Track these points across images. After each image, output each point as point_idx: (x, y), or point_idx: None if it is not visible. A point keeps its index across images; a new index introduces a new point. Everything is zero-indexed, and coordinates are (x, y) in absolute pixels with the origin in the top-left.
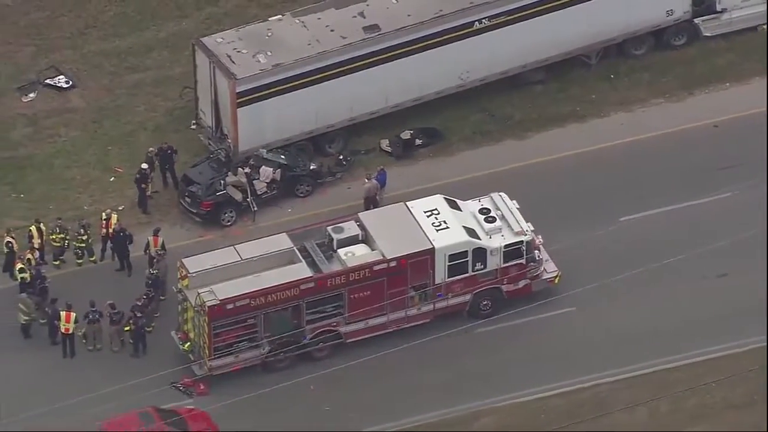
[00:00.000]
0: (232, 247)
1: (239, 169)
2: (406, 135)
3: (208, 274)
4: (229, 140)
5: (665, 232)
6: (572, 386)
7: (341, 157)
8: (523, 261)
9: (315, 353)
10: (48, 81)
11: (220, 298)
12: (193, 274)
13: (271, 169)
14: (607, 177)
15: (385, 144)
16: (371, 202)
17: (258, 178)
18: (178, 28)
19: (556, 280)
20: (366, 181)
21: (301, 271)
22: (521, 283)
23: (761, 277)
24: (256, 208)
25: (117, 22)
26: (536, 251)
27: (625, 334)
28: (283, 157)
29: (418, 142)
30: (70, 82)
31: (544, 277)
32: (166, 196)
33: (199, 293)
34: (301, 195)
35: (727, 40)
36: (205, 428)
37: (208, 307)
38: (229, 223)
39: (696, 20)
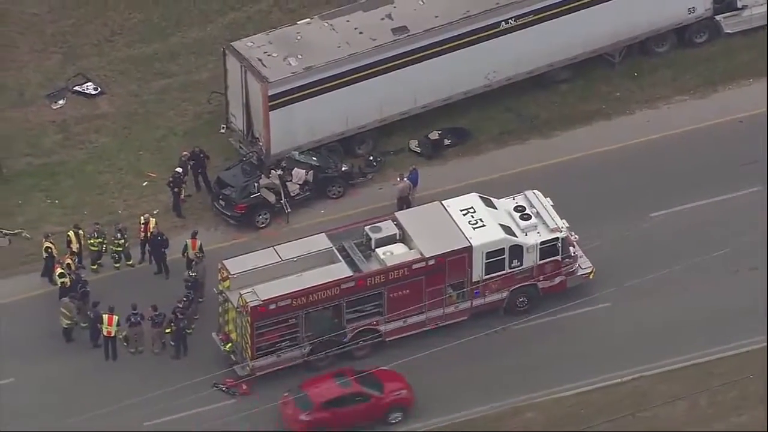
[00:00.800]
0: (271, 248)
1: (272, 171)
2: (434, 135)
3: (249, 275)
4: (261, 143)
5: (695, 227)
6: (611, 381)
7: (371, 158)
8: (558, 258)
9: (355, 352)
10: (76, 88)
11: (262, 299)
12: (235, 276)
13: (304, 170)
14: (635, 174)
15: (414, 144)
16: (404, 201)
17: (291, 180)
18: (203, 34)
19: (591, 276)
20: (399, 180)
21: (341, 270)
22: (557, 280)
23: None
24: (289, 210)
25: (142, 29)
26: (571, 247)
27: (661, 328)
28: (315, 158)
29: (446, 142)
30: (99, 89)
31: (578, 273)
32: (199, 200)
33: (241, 294)
34: (333, 196)
35: (748, 36)
36: (398, 387)
37: (251, 307)
38: (263, 225)
39: (717, 17)
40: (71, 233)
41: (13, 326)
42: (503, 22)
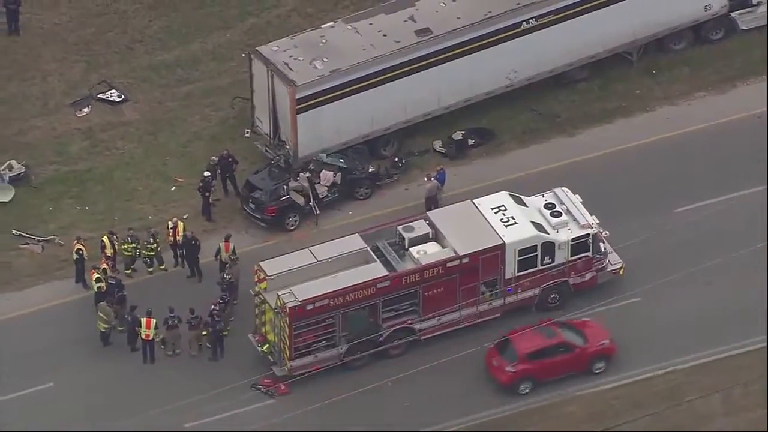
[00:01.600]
0: (306, 249)
1: (301, 173)
2: (457, 136)
3: (286, 276)
4: (288, 146)
5: (721, 222)
6: (646, 375)
7: (396, 159)
8: (589, 254)
9: (390, 351)
10: (100, 95)
11: (300, 299)
12: (272, 277)
13: (332, 172)
14: (659, 170)
15: (438, 145)
16: (432, 201)
17: (319, 182)
18: (223, 40)
19: (621, 272)
20: (427, 180)
21: (376, 270)
22: (587, 276)
23: None
24: (318, 212)
25: (162, 36)
26: (601, 244)
27: (692, 321)
28: (342, 160)
29: (470, 142)
30: (122, 96)
31: (609, 269)
32: (227, 204)
33: (279, 295)
34: (361, 197)
35: (763, 33)
36: (602, 337)
37: (289, 308)
38: (293, 228)
39: (732, 14)
40: (105, 238)
41: (50, 331)
42: (524, 23)
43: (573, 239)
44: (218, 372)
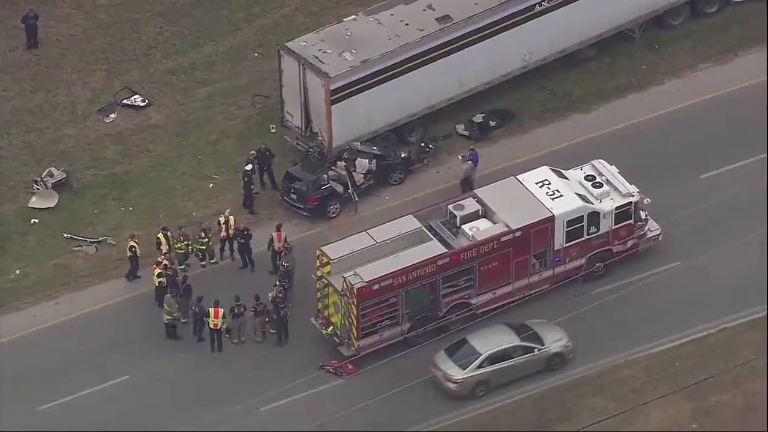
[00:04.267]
0: (364, 232)
1: (338, 162)
2: (478, 118)
3: (348, 259)
4: (320, 138)
5: (748, 184)
6: (698, 333)
7: (423, 144)
8: (631, 221)
9: (449, 326)
10: (125, 101)
11: (366, 280)
12: (335, 260)
13: (367, 160)
14: (677, 139)
15: (461, 128)
16: (468, 183)
17: (355, 170)
18: (234, 41)
19: (659, 238)
20: (462, 161)
21: (435, 248)
22: (629, 244)
23: None
24: (357, 199)
25: (176, 41)
26: (641, 211)
27: (733, 282)
28: (375, 147)
29: (492, 123)
30: (146, 101)
31: (648, 236)
32: (266, 196)
33: (345, 277)
34: (395, 183)
35: (756, 3)
36: None
37: (357, 289)
38: (334, 215)
39: None
40: (161, 235)
41: (116, 327)
42: (537, 5)
43: (616, 208)
44: (284, 356)
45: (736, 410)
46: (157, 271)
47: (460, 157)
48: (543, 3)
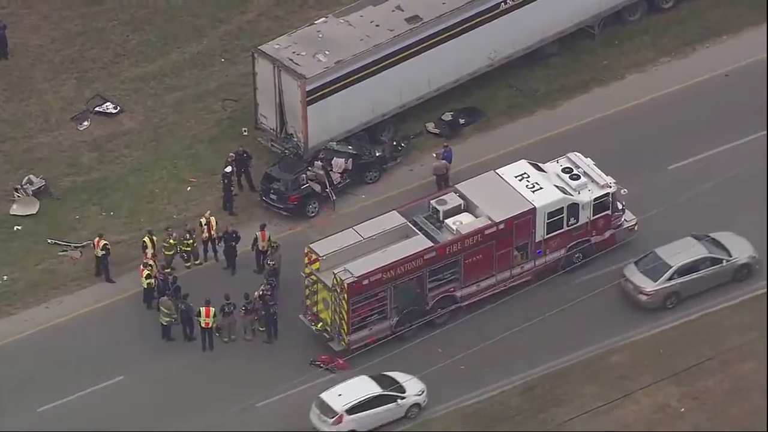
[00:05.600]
0: (351, 228)
1: (316, 162)
2: (447, 116)
3: (337, 255)
4: (295, 139)
5: (715, 174)
6: (683, 319)
7: (395, 142)
8: (609, 212)
9: (436, 319)
10: (97, 109)
11: (356, 275)
12: (324, 257)
13: (343, 159)
14: (643, 132)
15: (431, 126)
16: (442, 179)
17: (332, 170)
18: (200, 47)
19: (636, 228)
20: (435, 158)
21: (422, 242)
22: (607, 234)
23: None
24: (335, 198)
25: (143, 49)
26: (618, 202)
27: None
28: (350, 147)
29: (461, 121)
30: (118, 107)
31: (625, 226)
32: (245, 197)
33: (335, 273)
34: (370, 181)
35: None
36: None
37: (347, 284)
38: (313, 215)
39: None
40: (147, 239)
41: (108, 329)
42: (502, 3)
43: (595, 199)
44: (275, 353)
45: (724, 393)
46: (145, 272)
47: (434, 155)
48: (507, 1)
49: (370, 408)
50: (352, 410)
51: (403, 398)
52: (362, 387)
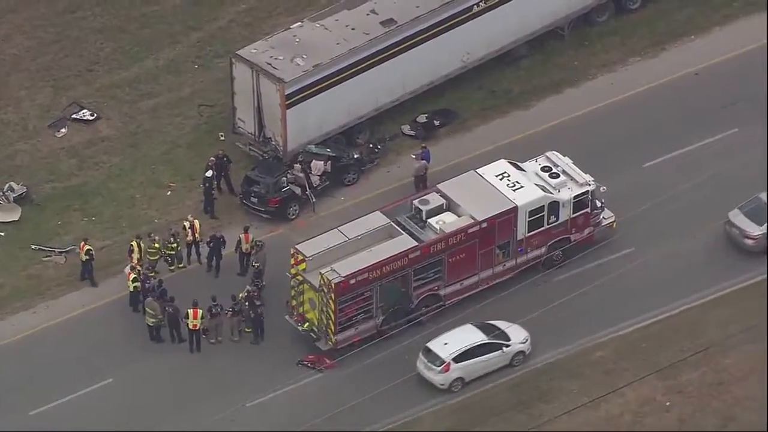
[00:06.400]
0: (336, 229)
1: (295, 165)
2: (422, 118)
3: (323, 255)
4: (273, 142)
5: (688, 173)
6: (664, 315)
7: (371, 145)
8: (588, 210)
9: (421, 318)
10: (74, 116)
11: (343, 275)
12: (310, 258)
13: (322, 162)
14: (617, 131)
15: (407, 129)
16: (421, 180)
17: (311, 172)
18: (174, 54)
19: (614, 225)
20: (415, 160)
21: (406, 241)
22: (586, 232)
23: None
24: (315, 200)
25: (117, 57)
26: (597, 200)
27: (691, 263)
28: (329, 149)
29: (436, 123)
30: (95, 114)
31: (603, 223)
32: (224, 201)
33: (321, 273)
34: (349, 183)
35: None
36: None
37: (335, 284)
38: (293, 217)
39: None
40: (134, 243)
41: (95, 333)
42: (475, 5)
43: (575, 197)
44: (262, 354)
45: (707, 386)
46: (132, 276)
47: (413, 156)
48: (480, 3)
49: (476, 356)
50: (458, 358)
51: (507, 346)
52: (468, 335)
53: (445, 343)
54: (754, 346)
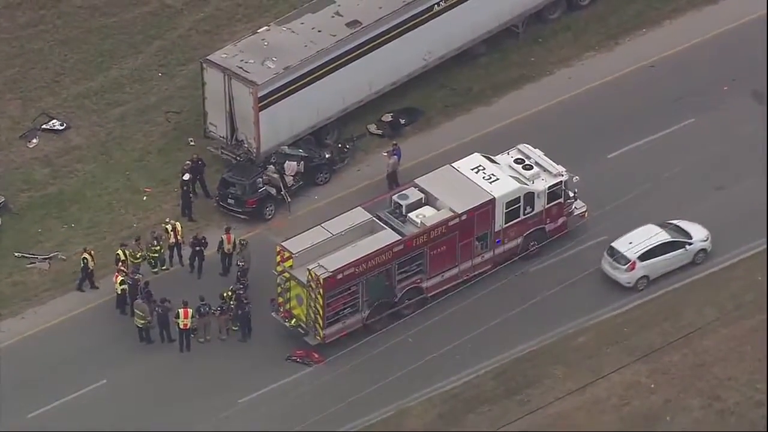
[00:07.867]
0: (319, 225)
1: (269, 166)
2: (387, 118)
3: (309, 252)
4: (246, 145)
5: (651, 159)
6: (642, 299)
7: (340, 145)
8: (561, 200)
9: (404, 311)
10: (44, 126)
11: (331, 270)
12: (296, 254)
13: (295, 162)
14: (579, 124)
15: (373, 128)
16: (393, 177)
17: (285, 173)
18: (138, 62)
19: (585, 215)
20: (387, 157)
21: (389, 236)
22: (560, 221)
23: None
24: (289, 200)
25: (82, 67)
26: (570, 190)
27: None
28: (301, 150)
29: (401, 121)
30: (65, 124)
31: (576, 214)
32: (200, 203)
33: (309, 269)
34: (321, 183)
35: None
36: None
37: (323, 279)
38: (270, 217)
39: None
40: (120, 251)
41: (84, 336)
42: (436, 5)
43: (549, 187)
44: (251, 351)
45: (689, 367)
46: (120, 278)
47: (385, 153)
48: (440, 3)
49: (660, 254)
50: (643, 257)
51: (690, 244)
52: (651, 234)
53: (630, 243)
54: (732, 328)
